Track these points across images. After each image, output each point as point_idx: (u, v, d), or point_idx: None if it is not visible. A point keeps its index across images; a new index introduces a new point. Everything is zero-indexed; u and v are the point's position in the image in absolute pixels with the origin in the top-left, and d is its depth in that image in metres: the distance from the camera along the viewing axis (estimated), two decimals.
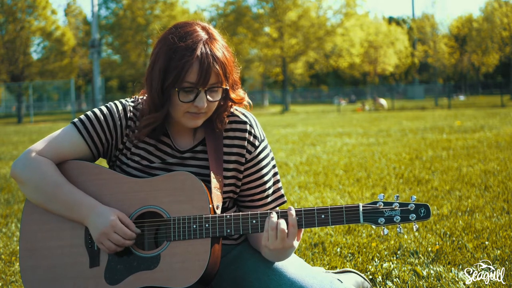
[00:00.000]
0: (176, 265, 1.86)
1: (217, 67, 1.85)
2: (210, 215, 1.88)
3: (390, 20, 69.76)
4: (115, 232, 1.87)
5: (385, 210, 1.86)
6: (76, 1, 72.55)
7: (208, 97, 1.88)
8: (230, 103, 2.01)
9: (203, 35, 1.88)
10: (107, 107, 2.03)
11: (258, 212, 1.90)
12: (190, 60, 1.82)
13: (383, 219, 1.85)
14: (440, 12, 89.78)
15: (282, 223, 1.85)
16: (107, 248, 1.88)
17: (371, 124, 16.99)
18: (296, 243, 1.89)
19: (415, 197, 1.87)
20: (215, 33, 1.92)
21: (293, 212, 1.87)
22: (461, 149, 8.24)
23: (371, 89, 56.24)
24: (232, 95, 1.98)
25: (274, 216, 1.87)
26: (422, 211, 1.85)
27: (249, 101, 2.08)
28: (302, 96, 63.55)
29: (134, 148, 2.02)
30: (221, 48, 1.89)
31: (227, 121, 2.04)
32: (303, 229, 1.94)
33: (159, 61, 1.87)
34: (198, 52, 1.83)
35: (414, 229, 1.86)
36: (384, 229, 1.87)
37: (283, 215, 1.88)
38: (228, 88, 1.92)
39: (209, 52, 1.85)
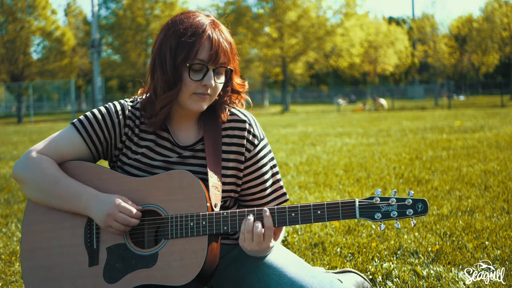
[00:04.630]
0: (173, 263, 1.87)
1: (226, 45, 1.92)
2: (207, 213, 1.89)
3: (390, 20, 69.78)
4: (120, 212, 1.87)
5: (382, 205, 1.84)
6: (76, 1, 72.56)
7: (215, 77, 1.93)
8: (231, 94, 2.04)
9: (207, 19, 1.95)
10: (105, 107, 2.05)
11: (255, 209, 1.90)
12: (202, 37, 1.88)
13: (379, 215, 1.83)
14: (440, 12, 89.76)
15: (259, 227, 1.85)
16: (116, 230, 1.88)
17: (371, 124, 17.00)
18: (273, 243, 1.90)
19: (412, 192, 1.85)
20: (216, 19, 2.00)
21: (268, 213, 1.86)
22: (461, 149, 8.24)
23: (371, 89, 56.23)
24: (235, 80, 2.02)
25: (250, 218, 1.86)
26: (420, 206, 1.83)
27: (248, 98, 2.11)
28: (302, 96, 63.55)
29: (135, 147, 2.03)
30: (225, 31, 1.97)
31: (227, 119, 2.05)
32: (283, 229, 1.94)
33: (169, 40, 1.91)
34: (209, 31, 1.90)
35: (412, 225, 1.84)
36: (381, 224, 1.86)
37: (259, 216, 1.87)
38: (233, 69, 1.97)
39: (218, 31, 1.92)
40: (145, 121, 2.02)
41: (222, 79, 1.96)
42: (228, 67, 1.95)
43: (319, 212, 1.85)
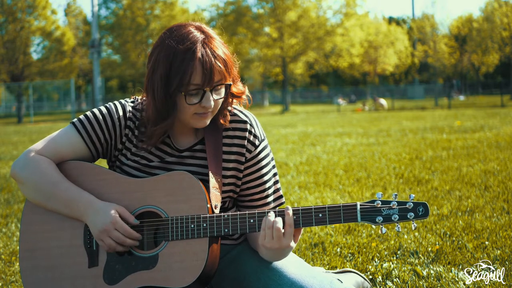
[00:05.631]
0: (174, 264, 1.86)
1: (219, 64, 1.85)
2: (208, 215, 1.88)
3: (390, 20, 69.73)
4: (116, 229, 1.86)
5: (383, 209, 1.84)
6: (76, 1, 72.55)
7: (214, 95, 1.88)
8: (231, 99, 2.01)
9: (199, 35, 1.87)
10: (106, 107, 2.03)
11: (256, 211, 1.89)
12: (192, 62, 1.82)
13: (381, 218, 1.83)
14: (440, 12, 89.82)
15: (279, 222, 1.84)
16: (107, 246, 1.87)
17: (371, 124, 16.99)
18: (293, 244, 1.88)
19: (413, 195, 1.85)
20: (210, 31, 1.92)
21: (290, 211, 1.86)
22: (461, 149, 8.24)
23: (371, 89, 56.22)
24: (234, 89, 1.98)
25: (271, 215, 1.86)
26: (421, 209, 1.83)
27: (249, 94, 2.08)
28: (302, 96, 63.50)
29: (135, 149, 2.02)
30: (219, 45, 1.89)
31: (228, 119, 2.04)
32: (302, 230, 1.93)
33: (159, 67, 1.85)
34: (199, 54, 1.82)
35: (413, 228, 1.85)
36: (382, 228, 1.86)
37: (281, 214, 1.87)
38: (231, 83, 1.92)
39: (209, 51, 1.84)
40: (142, 139, 1.99)
41: (221, 93, 1.92)
42: (226, 83, 1.89)
43: (320, 215, 1.85)
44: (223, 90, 1.92)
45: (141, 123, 1.99)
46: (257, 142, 2.06)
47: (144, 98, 2.02)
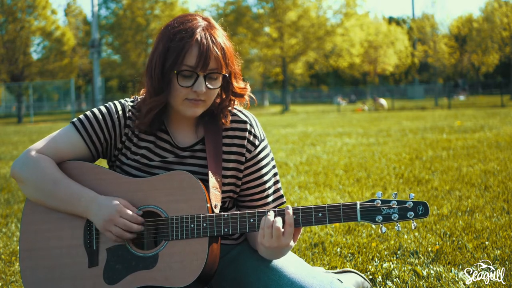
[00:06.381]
0: (174, 264, 1.86)
1: (217, 50, 1.86)
2: (208, 214, 1.88)
3: (390, 20, 69.73)
4: (121, 217, 1.86)
5: (383, 208, 1.84)
6: (76, 1, 72.57)
7: (207, 84, 1.88)
8: (232, 98, 2.01)
9: (202, 22, 1.90)
10: (106, 106, 2.04)
11: (256, 211, 1.89)
12: (189, 42, 1.84)
13: (380, 217, 1.83)
14: (440, 12, 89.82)
15: (278, 222, 1.84)
16: (115, 234, 1.87)
17: (371, 124, 16.99)
18: (292, 243, 1.88)
19: (413, 194, 1.85)
20: (215, 23, 1.94)
21: (290, 211, 1.86)
22: (461, 149, 8.24)
23: (371, 89, 56.22)
24: (235, 84, 1.98)
25: (271, 214, 1.86)
26: (420, 209, 1.83)
27: (252, 95, 2.08)
28: (302, 96, 63.49)
29: (134, 148, 2.02)
30: (220, 35, 1.91)
31: (229, 120, 2.04)
32: (301, 229, 1.93)
33: (159, 46, 1.89)
34: (198, 36, 1.85)
35: (413, 227, 1.84)
36: (382, 227, 1.86)
37: (281, 213, 1.87)
38: (227, 75, 1.92)
39: (208, 36, 1.86)
40: (134, 121, 2.01)
41: (216, 84, 1.91)
42: (222, 73, 1.89)
43: (320, 214, 1.85)
44: (219, 81, 1.92)
45: (137, 107, 2.01)
46: (257, 142, 2.06)
47: (143, 94, 2.02)
